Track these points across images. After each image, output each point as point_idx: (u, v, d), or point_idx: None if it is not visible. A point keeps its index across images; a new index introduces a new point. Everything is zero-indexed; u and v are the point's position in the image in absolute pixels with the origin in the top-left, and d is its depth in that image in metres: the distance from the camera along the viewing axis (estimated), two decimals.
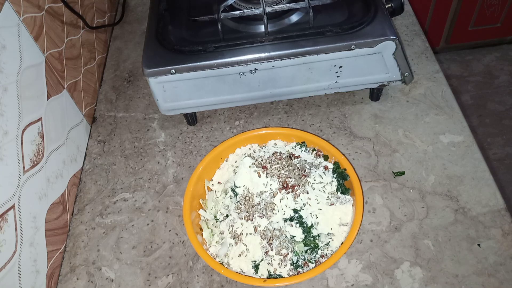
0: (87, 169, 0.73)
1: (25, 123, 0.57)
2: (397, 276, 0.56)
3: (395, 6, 0.70)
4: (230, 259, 0.56)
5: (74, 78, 0.74)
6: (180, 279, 0.59)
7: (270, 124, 0.75)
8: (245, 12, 0.68)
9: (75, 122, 0.73)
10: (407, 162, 0.67)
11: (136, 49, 0.92)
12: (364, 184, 0.66)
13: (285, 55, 0.64)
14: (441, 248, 0.58)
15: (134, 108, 0.82)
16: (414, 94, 0.76)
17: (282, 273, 0.55)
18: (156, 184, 0.70)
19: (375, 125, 0.73)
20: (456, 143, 0.69)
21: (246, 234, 0.57)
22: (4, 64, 0.54)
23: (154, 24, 0.71)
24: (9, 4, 0.56)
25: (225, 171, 0.66)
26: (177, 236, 0.64)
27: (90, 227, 0.66)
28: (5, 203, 0.51)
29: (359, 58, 0.66)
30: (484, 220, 0.60)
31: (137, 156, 0.74)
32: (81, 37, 0.79)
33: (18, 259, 0.52)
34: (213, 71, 0.65)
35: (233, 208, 0.59)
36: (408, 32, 0.86)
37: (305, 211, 0.57)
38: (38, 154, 0.59)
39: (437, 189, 0.64)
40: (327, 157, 0.64)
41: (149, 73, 0.65)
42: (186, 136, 0.76)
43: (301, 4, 0.67)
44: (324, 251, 0.56)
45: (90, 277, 0.61)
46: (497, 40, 2.13)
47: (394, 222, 0.61)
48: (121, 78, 0.87)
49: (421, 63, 0.81)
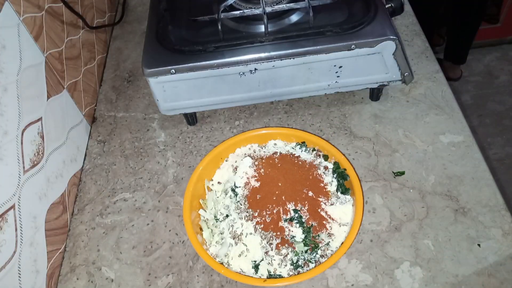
0: (87, 169, 0.73)
1: (25, 123, 0.57)
2: (397, 276, 0.56)
3: (395, 6, 0.70)
4: (230, 259, 0.56)
5: (74, 78, 0.74)
6: (180, 279, 0.59)
7: (270, 124, 0.75)
8: (245, 12, 0.68)
9: (75, 122, 0.73)
10: (407, 162, 0.67)
11: (136, 49, 0.92)
12: (364, 184, 0.66)
13: (285, 55, 0.64)
14: (441, 248, 0.58)
15: (134, 108, 0.82)
16: (414, 94, 0.76)
17: (282, 273, 0.55)
18: (156, 184, 0.70)
19: (375, 125, 0.73)
20: (456, 143, 0.69)
21: (246, 234, 0.57)
22: (4, 64, 0.54)
23: (154, 24, 0.71)
24: (9, 4, 0.56)
25: (225, 171, 0.66)
26: (177, 236, 0.64)
27: (90, 227, 0.66)
28: (5, 203, 0.51)
29: (359, 58, 0.66)
30: (484, 220, 0.60)
31: (137, 156, 0.74)
32: (81, 37, 0.79)
33: (18, 259, 0.52)
34: (213, 71, 0.65)
35: (233, 208, 0.59)
36: (408, 32, 0.86)
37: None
38: (38, 154, 0.59)
39: (437, 189, 0.64)
40: (327, 157, 0.64)
41: (149, 73, 0.65)
42: (186, 136, 0.76)
43: (301, 4, 0.67)
44: (324, 251, 0.56)
45: (90, 277, 0.61)
46: (497, 40, 2.14)
47: (394, 222, 0.61)
48: (121, 78, 0.87)
49: (421, 63, 0.81)
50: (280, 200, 0.58)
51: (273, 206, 0.58)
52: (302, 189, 0.59)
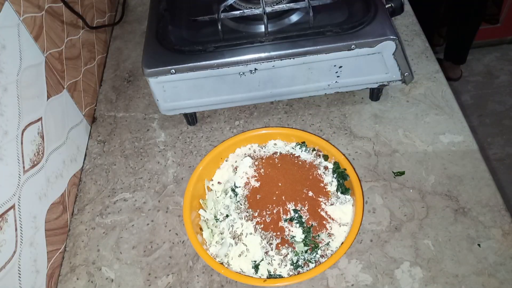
0: (87, 169, 0.73)
1: (25, 123, 0.57)
2: (397, 276, 0.56)
3: (395, 6, 0.70)
4: (230, 259, 0.56)
5: (74, 78, 0.74)
6: (180, 279, 0.59)
7: (270, 124, 0.75)
8: (245, 12, 0.68)
9: (75, 122, 0.73)
10: (407, 162, 0.67)
11: (136, 49, 0.92)
12: (364, 184, 0.66)
13: (285, 55, 0.64)
14: (441, 248, 0.58)
15: (134, 108, 0.82)
16: (414, 94, 0.76)
17: (282, 273, 0.55)
18: (156, 184, 0.70)
19: (375, 125, 0.73)
20: (456, 143, 0.69)
21: (246, 234, 0.57)
22: (4, 64, 0.54)
23: (154, 24, 0.71)
24: (9, 4, 0.56)
25: (225, 171, 0.66)
26: (177, 236, 0.64)
27: (90, 227, 0.66)
28: (5, 203, 0.51)
29: (359, 58, 0.66)
30: (484, 220, 0.60)
31: (137, 156, 0.74)
32: (81, 37, 0.79)
33: (18, 259, 0.52)
34: (213, 71, 0.65)
35: (233, 208, 0.59)
36: (408, 32, 0.86)
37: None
38: (38, 154, 0.59)
39: (437, 189, 0.64)
40: (327, 157, 0.64)
41: (149, 73, 0.65)
42: (186, 136, 0.76)
43: (301, 4, 0.67)
44: (324, 251, 0.56)
45: (90, 277, 0.61)
46: (497, 40, 2.14)
47: (394, 222, 0.61)
48: (121, 78, 0.87)
49: (421, 63, 0.81)
50: (280, 200, 0.58)
51: (273, 206, 0.58)
52: (302, 189, 0.59)
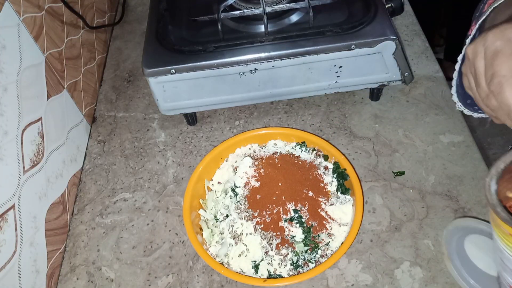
0: (87, 169, 0.73)
1: (25, 123, 0.57)
2: (397, 276, 0.56)
3: (395, 6, 0.70)
4: (230, 259, 0.56)
5: (74, 78, 0.74)
6: (180, 279, 0.59)
7: (270, 124, 0.75)
8: (245, 12, 0.68)
9: (75, 122, 0.73)
10: (407, 162, 0.67)
11: (136, 49, 0.92)
12: (364, 184, 0.65)
13: (285, 55, 0.64)
14: (441, 248, 0.58)
15: (134, 108, 0.82)
16: (414, 94, 0.76)
17: (282, 273, 0.55)
18: (156, 184, 0.70)
19: (375, 125, 0.73)
20: (456, 143, 0.69)
21: (246, 234, 0.57)
22: (4, 64, 0.54)
23: (154, 24, 0.71)
24: (9, 4, 0.56)
25: (225, 171, 0.66)
26: (177, 236, 0.64)
27: (90, 227, 0.66)
28: (5, 203, 0.51)
29: (359, 58, 0.66)
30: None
31: (137, 156, 0.74)
32: (81, 37, 0.79)
33: (18, 259, 0.52)
34: (213, 71, 0.65)
35: (233, 208, 0.59)
36: (408, 32, 0.86)
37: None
38: (38, 154, 0.59)
39: (437, 189, 0.64)
40: (327, 157, 0.64)
41: (149, 73, 0.65)
42: (186, 136, 0.76)
43: (301, 4, 0.67)
44: (324, 251, 0.56)
45: (90, 277, 0.61)
46: None
47: (394, 222, 0.61)
48: (121, 78, 0.87)
49: (421, 63, 0.81)
50: (280, 200, 0.58)
51: (273, 206, 0.58)
52: (302, 189, 0.59)
